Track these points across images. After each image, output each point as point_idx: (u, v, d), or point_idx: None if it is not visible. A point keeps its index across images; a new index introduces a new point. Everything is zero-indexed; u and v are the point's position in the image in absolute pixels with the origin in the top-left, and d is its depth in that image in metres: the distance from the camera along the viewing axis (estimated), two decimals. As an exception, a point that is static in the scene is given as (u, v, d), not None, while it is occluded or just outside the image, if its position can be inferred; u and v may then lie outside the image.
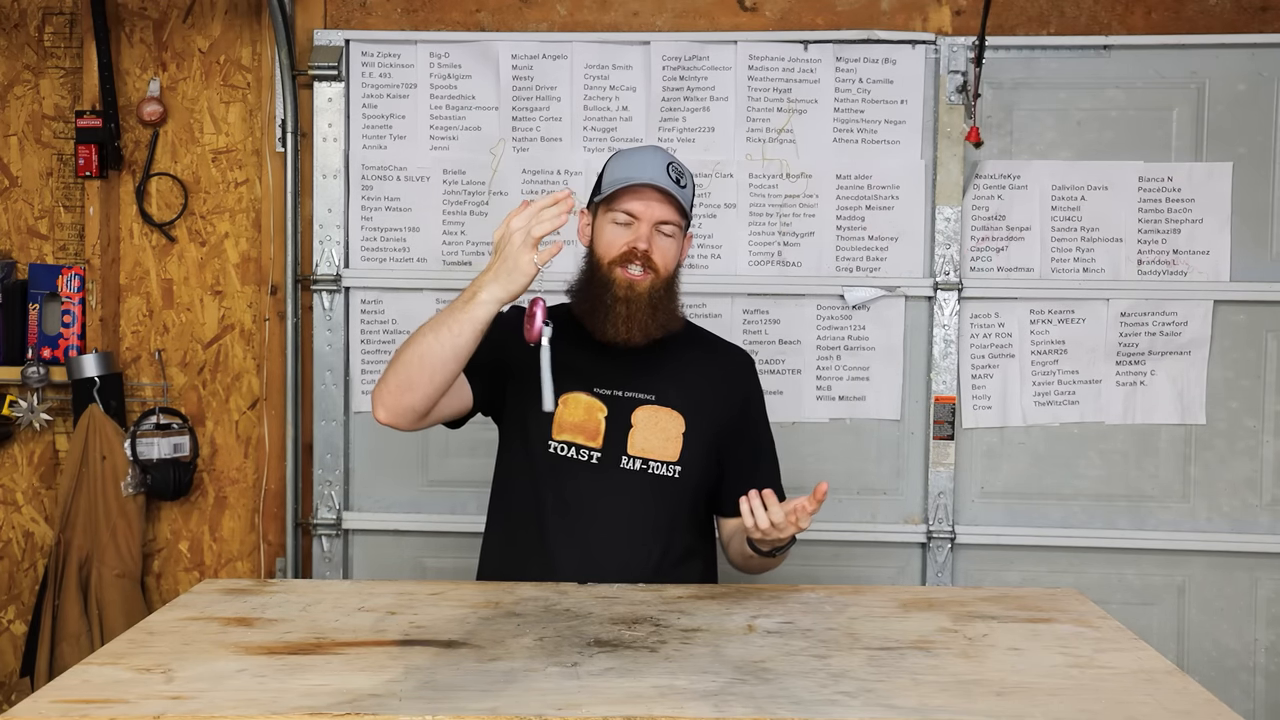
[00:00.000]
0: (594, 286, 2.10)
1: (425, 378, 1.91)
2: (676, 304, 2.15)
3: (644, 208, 2.07)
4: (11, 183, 3.24)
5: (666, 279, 2.11)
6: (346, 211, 3.12)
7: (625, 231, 2.09)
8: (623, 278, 2.07)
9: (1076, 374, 3.07)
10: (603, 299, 2.08)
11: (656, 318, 2.09)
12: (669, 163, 2.11)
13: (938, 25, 3.05)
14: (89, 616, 3.10)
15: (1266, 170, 3.02)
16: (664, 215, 2.09)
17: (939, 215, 3.03)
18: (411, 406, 1.94)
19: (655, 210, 2.08)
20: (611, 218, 2.09)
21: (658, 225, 2.09)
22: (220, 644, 1.62)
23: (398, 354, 1.95)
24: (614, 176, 2.11)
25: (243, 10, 3.18)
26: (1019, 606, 1.87)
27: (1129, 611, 2.94)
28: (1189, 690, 1.50)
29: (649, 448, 2.10)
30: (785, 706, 1.40)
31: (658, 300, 2.09)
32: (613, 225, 2.10)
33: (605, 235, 2.10)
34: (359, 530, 3.15)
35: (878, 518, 3.10)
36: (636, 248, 2.07)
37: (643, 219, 2.08)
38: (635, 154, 2.15)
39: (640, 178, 2.07)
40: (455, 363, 1.91)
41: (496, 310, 1.88)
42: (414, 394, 1.92)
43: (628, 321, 2.07)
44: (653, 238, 2.08)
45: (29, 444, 3.25)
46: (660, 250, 2.09)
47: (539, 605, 1.82)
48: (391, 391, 1.94)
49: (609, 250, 2.09)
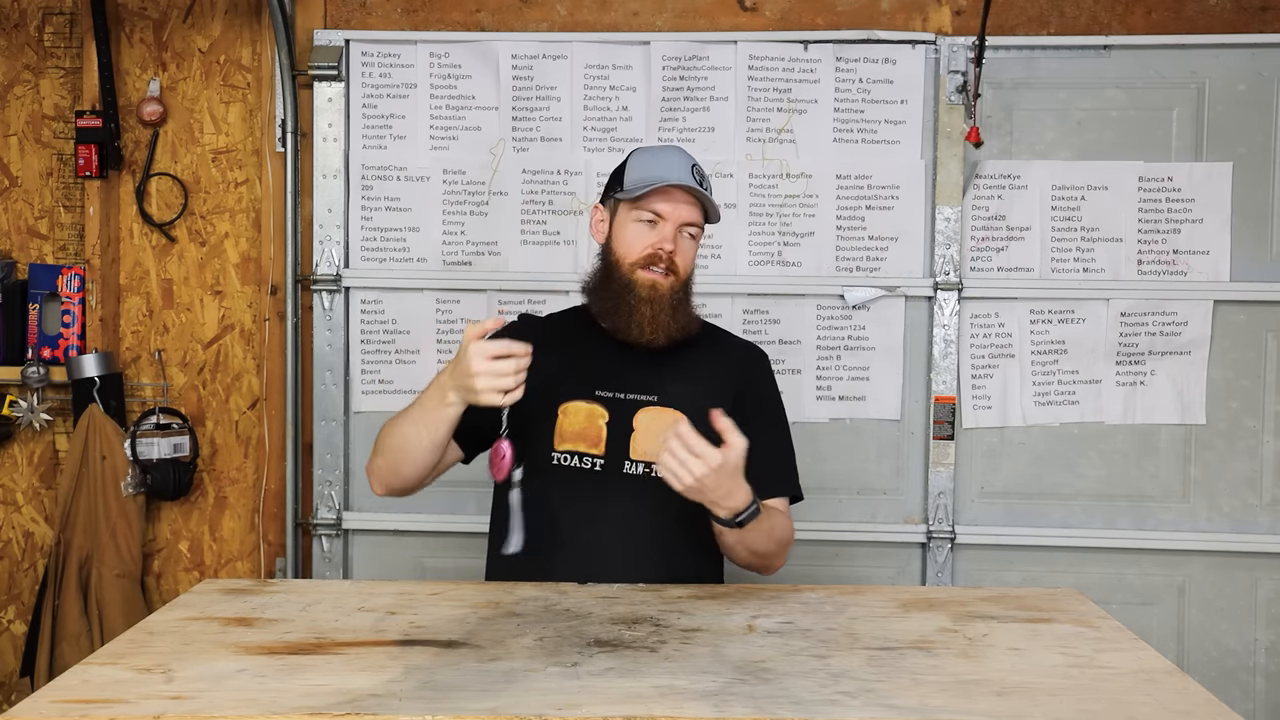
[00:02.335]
0: (614, 286, 2.10)
1: (408, 464, 2.04)
2: (692, 305, 2.15)
3: (672, 209, 2.07)
4: (11, 183, 3.24)
5: (685, 281, 2.11)
6: (346, 211, 3.12)
7: (649, 232, 2.08)
8: (645, 279, 2.07)
9: (1076, 374, 3.07)
10: (625, 299, 2.08)
11: (678, 319, 2.10)
12: (693, 164, 2.11)
13: (938, 25, 3.06)
14: (89, 616, 3.10)
15: (1266, 170, 3.02)
16: (690, 217, 2.09)
17: (939, 215, 3.03)
18: (403, 485, 2.09)
19: (683, 212, 2.08)
20: (636, 216, 2.08)
21: (682, 227, 2.09)
22: (220, 644, 1.62)
23: (383, 438, 2.06)
24: (640, 175, 2.10)
25: (243, 10, 3.18)
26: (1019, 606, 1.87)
27: (1129, 611, 2.94)
28: (1189, 690, 1.50)
29: (651, 451, 2.08)
30: (785, 706, 1.40)
31: (678, 302, 2.10)
32: (636, 224, 2.09)
33: (628, 234, 2.10)
34: (359, 530, 3.15)
35: (878, 518, 3.10)
36: (662, 249, 2.07)
37: (669, 220, 2.07)
38: (660, 153, 2.14)
39: (670, 178, 2.06)
40: (435, 451, 2.01)
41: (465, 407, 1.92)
42: (401, 476, 2.07)
43: (653, 323, 2.07)
44: (677, 239, 2.08)
45: (29, 444, 3.25)
46: (683, 252, 2.10)
47: (539, 605, 1.82)
48: (382, 474, 2.09)
49: (631, 250, 2.09)
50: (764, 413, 2.21)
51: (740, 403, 2.17)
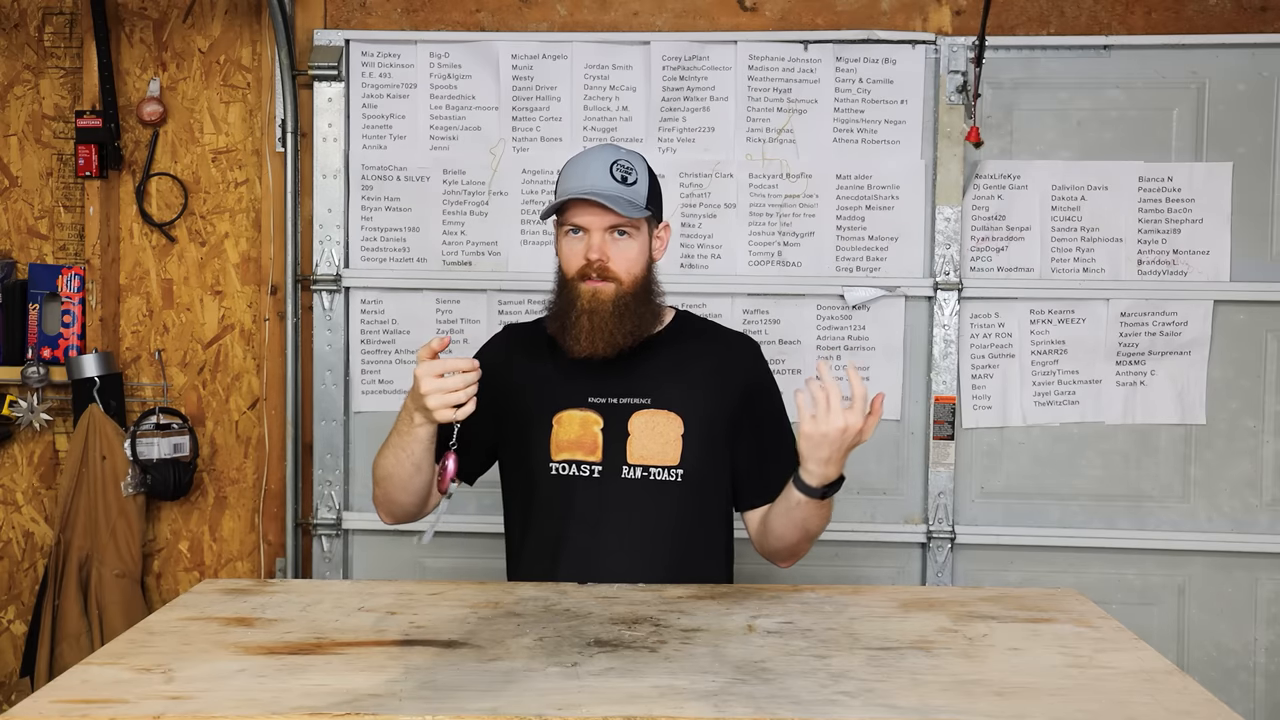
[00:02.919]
0: (562, 301, 2.09)
1: (400, 490, 2.09)
2: (653, 304, 2.11)
3: (591, 218, 2.04)
4: (11, 183, 3.24)
5: (634, 283, 2.07)
6: (346, 211, 3.12)
7: (579, 243, 2.06)
8: (585, 290, 2.04)
9: (1076, 374, 3.07)
10: (569, 314, 2.06)
11: (624, 326, 2.05)
12: (614, 161, 2.06)
13: (938, 25, 3.06)
14: (89, 616, 3.10)
15: (1266, 170, 3.02)
16: (612, 221, 2.04)
17: (939, 215, 3.03)
18: (404, 511, 2.14)
19: (603, 218, 2.04)
20: (565, 230, 2.07)
21: (611, 230, 2.05)
22: (220, 644, 1.62)
23: (375, 469, 2.11)
24: (562, 187, 2.07)
25: (243, 10, 3.18)
26: (1019, 606, 1.87)
27: (1129, 611, 2.94)
28: (1189, 690, 1.50)
29: (648, 454, 2.07)
30: (785, 706, 1.40)
31: (624, 308, 2.05)
32: (568, 238, 2.07)
33: (563, 250, 2.08)
34: (359, 530, 3.15)
35: (877, 518, 3.10)
36: (590, 259, 2.04)
37: (592, 229, 2.04)
38: (580, 160, 2.10)
39: (579, 189, 2.03)
40: (419, 473, 2.06)
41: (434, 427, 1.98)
42: (399, 504, 2.12)
43: (590, 334, 2.04)
44: (606, 245, 2.04)
45: (29, 444, 3.25)
46: (620, 256, 2.05)
47: (539, 605, 1.82)
48: (384, 505, 2.15)
49: (569, 265, 2.07)
50: (775, 409, 2.20)
51: (752, 401, 2.17)
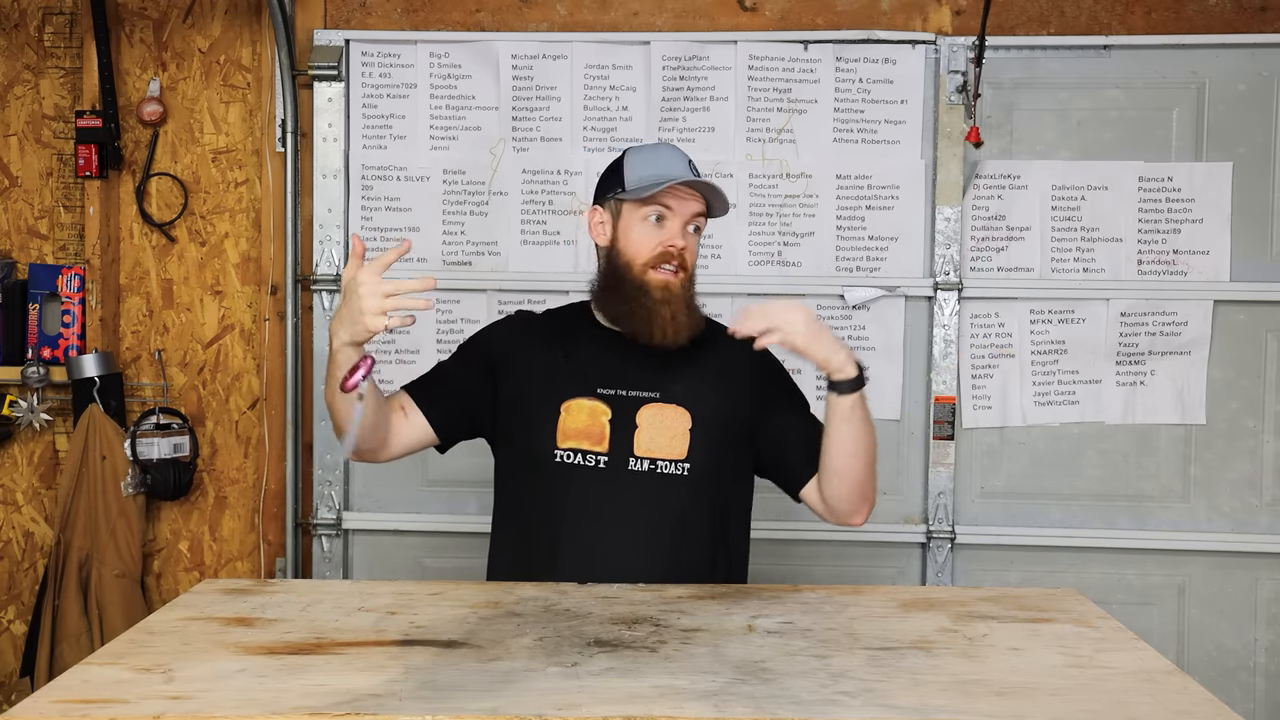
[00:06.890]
0: (626, 289, 2.08)
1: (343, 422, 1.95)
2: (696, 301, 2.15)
3: (680, 204, 2.06)
4: (11, 183, 3.24)
5: (691, 276, 2.11)
6: (346, 211, 3.12)
7: (657, 230, 2.07)
8: (658, 280, 2.05)
9: (1076, 374, 3.07)
10: (641, 303, 2.06)
11: (693, 317, 2.09)
12: (689, 160, 2.11)
13: (938, 25, 3.06)
14: (89, 616, 3.10)
15: (1266, 170, 3.02)
16: (698, 210, 2.09)
17: (939, 215, 3.03)
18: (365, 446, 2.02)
19: (690, 206, 2.07)
20: (643, 215, 2.07)
21: (690, 221, 2.08)
22: (220, 644, 1.62)
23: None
24: (642, 173, 2.08)
25: (243, 10, 3.18)
26: (1019, 606, 1.87)
27: (1129, 611, 2.94)
28: (1189, 690, 1.50)
29: (655, 447, 2.07)
30: (785, 706, 1.40)
31: (691, 301, 2.09)
32: (643, 224, 2.07)
33: (635, 234, 2.08)
34: (359, 530, 3.15)
35: (877, 518, 3.07)
36: (674, 246, 2.06)
37: (677, 215, 2.07)
38: (658, 151, 2.14)
39: (674, 174, 2.05)
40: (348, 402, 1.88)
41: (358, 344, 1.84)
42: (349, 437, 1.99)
43: (674, 323, 2.06)
44: (685, 235, 2.08)
45: (29, 444, 3.25)
46: (690, 248, 2.10)
47: (539, 605, 1.82)
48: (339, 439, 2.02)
49: (640, 250, 2.07)
50: (792, 391, 2.21)
51: (769, 389, 2.17)
